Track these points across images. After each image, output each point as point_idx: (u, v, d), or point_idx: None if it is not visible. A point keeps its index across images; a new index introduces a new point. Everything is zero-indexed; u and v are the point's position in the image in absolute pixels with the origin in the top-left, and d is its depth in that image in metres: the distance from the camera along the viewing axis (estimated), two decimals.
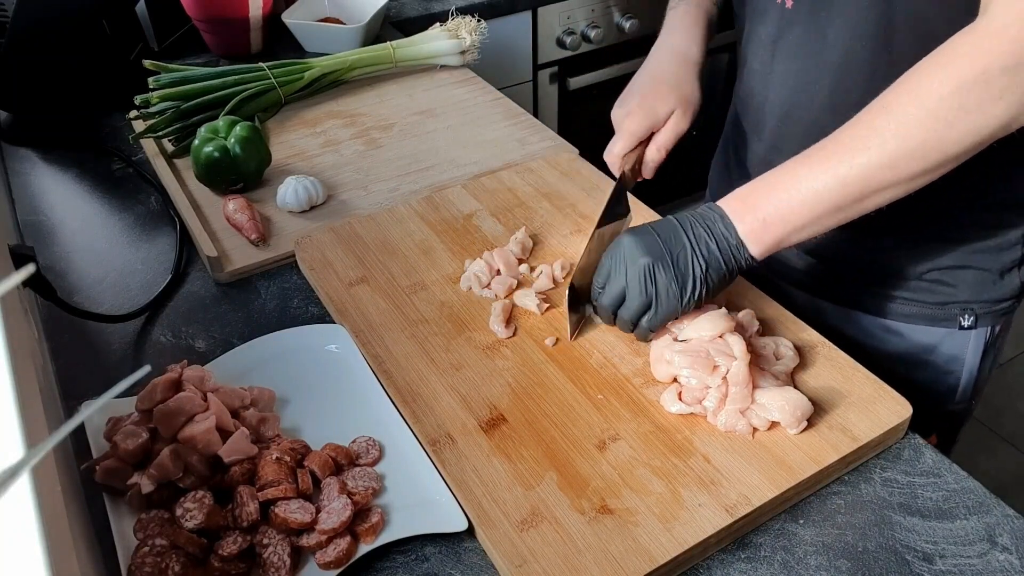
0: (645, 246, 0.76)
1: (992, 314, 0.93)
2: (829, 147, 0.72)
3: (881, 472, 0.74)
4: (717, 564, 0.68)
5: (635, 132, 0.93)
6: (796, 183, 0.72)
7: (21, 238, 1.06)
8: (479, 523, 0.68)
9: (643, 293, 0.76)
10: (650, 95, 0.94)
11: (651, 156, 0.95)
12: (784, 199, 0.73)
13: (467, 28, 1.37)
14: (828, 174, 0.70)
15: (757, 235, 0.74)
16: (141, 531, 0.67)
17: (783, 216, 0.73)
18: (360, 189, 1.11)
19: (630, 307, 0.78)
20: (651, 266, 0.75)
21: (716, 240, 0.75)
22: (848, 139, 0.70)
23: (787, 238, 0.74)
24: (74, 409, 0.81)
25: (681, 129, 0.95)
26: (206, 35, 1.44)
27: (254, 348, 0.85)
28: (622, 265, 0.77)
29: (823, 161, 0.71)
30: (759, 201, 0.74)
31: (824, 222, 0.73)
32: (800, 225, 0.73)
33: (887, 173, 0.69)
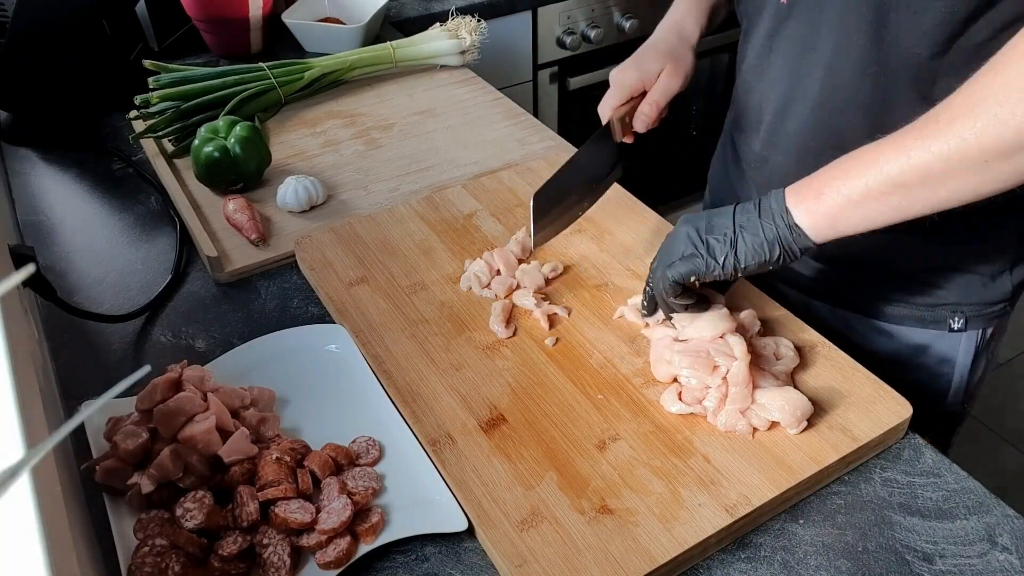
0: (690, 218, 0.78)
1: (983, 317, 0.93)
2: (902, 132, 0.68)
3: (881, 472, 0.74)
4: (717, 564, 0.68)
5: (626, 84, 0.96)
6: (860, 160, 0.69)
7: (21, 238, 1.06)
8: (479, 523, 0.68)
9: (680, 248, 0.77)
10: (642, 56, 0.99)
11: (643, 110, 0.97)
12: (842, 174, 0.69)
13: (467, 28, 1.37)
14: (900, 155, 0.66)
15: (810, 206, 0.71)
16: (141, 531, 0.67)
17: (839, 188, 0.69)
18: (360, 189, 1.11)
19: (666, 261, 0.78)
20: (690, 229, 0.77)
21: (760, 210, 0.74)
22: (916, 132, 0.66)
23: (841, 214, 0.70)
24: (74, 409, 0.81)
25: (672, 86, 0.97)
26: (206, 35, 1.44)
27: (254, 348, 0.85)
28: (670, 236, 0.79)
29: (888, 152, 0.67)
30: (817, 177, 0.72)
31: (884, 202, 0.68)
32: (855, 198, 0.68)
33: (970, 154, 0.64)
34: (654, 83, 0.97)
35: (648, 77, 0.97)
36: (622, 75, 0.97)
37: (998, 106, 0.62)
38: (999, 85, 0.63)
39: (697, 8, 1.02)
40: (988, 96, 0.63)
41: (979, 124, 0.63)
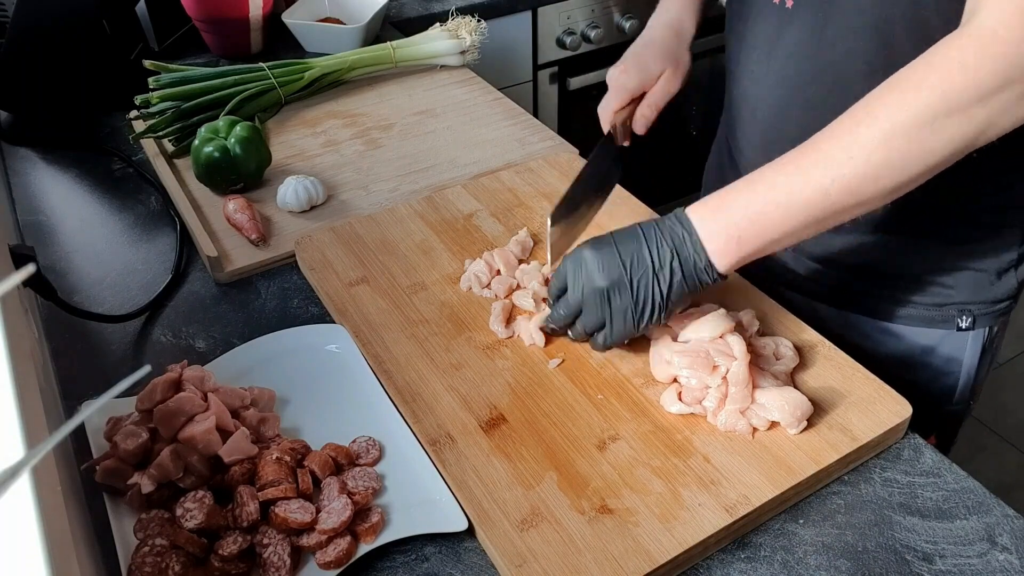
0: (606, 267, 0.74)
1: (990, 315, 0.93)
2: (809, 155, 0.68)
3: (881, 472, 0.74)
4: (717, 564, 0.68)
5: (627, 87, 0.96)
6: (774, 195, 0.69)
7: (21, 238, 1.06)
8: (479, 523, 0.68)
9: (598, 313, 0.76)
10: (643, 56, 0.98)
11: (643, 113, 0.97)
12: (760, 212, 0.69)
13: (467, 28, 1.37)
14: (810, 187, 0.67)
15: (730, 253, 0.72)
16: (141, 531, 0.67)
17: (759, 232, 0.70)
18: (360, 189, 1.11)
19: (585, 323, 0.77)
20: (608, 291, 0.74)
21: (682, 262, 0.73)
22: (828, 148, 0.67)
23: (759, 253, 0.72)
24: (74, 409, 0.81)
25: (672, 88, 0.97)
26: (206, 35, 1.44)
27: (254, 348, 0.85)
28: (580, 282, 0.76)
29: (803, 171, 0.68)
30: (734, 215, 0.71)
31: (800, 235, 0.71)
32: (775, 239, 0.71)
33: (870, 185, 0.66)
34: (654, 85, 0.97)
35: (649, 79, 0.97)
36: (623, 78, 0.97)
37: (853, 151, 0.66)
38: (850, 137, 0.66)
39: (692, 4, 1.02)
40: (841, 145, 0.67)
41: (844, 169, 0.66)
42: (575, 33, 1.85)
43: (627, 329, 0.76)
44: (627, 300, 0.74)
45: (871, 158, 0.65)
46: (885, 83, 0.67)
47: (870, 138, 0.65)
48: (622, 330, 0.76)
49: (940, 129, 0.64)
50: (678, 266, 0.73)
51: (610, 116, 0.97)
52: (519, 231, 0.98)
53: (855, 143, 0.66)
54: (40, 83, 1.26)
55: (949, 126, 0.64)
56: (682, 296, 0.75)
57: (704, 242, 0.72)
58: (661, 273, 0.73)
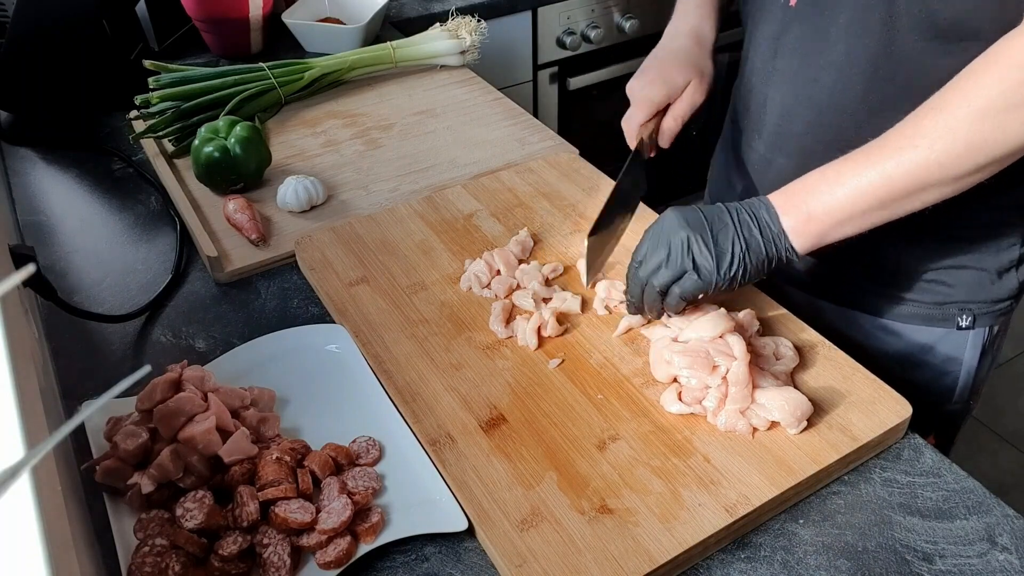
0: (687, 220, 0.77)
1: (990, 314, 0.93)
2: (876, 146, 0.72)
3: (881, 472, 0.74)
4: (717, 564, 0.68)
5: (654, 100, 0.95)
6: (841, 179, 0.73)
7: (21, 238, 1.06)
8: (479, 523, 0.68)
9: (679, 261, 0.77)
10: (668, 66, 0.96)
11: (668, 125, 0.96)
12: (828, 193, 0.73)
13: (467, 28, 1.37)
14: (874, 170, 0.71)
15: (800, 228, 0.75)
16: (141, 531, 0.67)
17: (827, 210, 0.73)
18: (360, 189, 1.11)
19: (663, 274, 0.77)
20: (691, 238, 0.76)
21: (760, 226, 0.76)
22: (896, 139, 0.71)
23: (829, 232, 0.75)
24: (74, 409, 0.82)
25: (697, 100, 0.97)
26: (206, 35, 1.44)
27: (254, 348, 0.85)
28: (663, 237, 0.78)
29: (870, 158, 0.72)
30: (804, 196, 0.75)
31: (869, 218, 0.73)
32: (844, 219, 0.73)
33: (934, 171, 0.69)
34: (679, 96, 0.96)
35: (674, 91, 0.96)
36: (649, 90, 0.95)
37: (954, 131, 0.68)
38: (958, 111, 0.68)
39: (711, 10, 1.01)
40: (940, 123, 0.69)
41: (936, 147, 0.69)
42: (575, 33, 1.85)
43: (706, 278, 0.76)
44: (709, 247, 0.76)
45: (934, 146, 0.69)
46: (951, 82, 0.70)
47: (932, 128, 0.69)
48: (701, 279, 0.76)
49: (1001, 124, 0.67)
50: (756, 231, 0.76)
51: (636, 130, 0.95)
52: (519, 231, 0.98)
53: (918, 132, 0.70)
54: (40, 83, 1.26)
55: (1009, 121, 0.67)
56: (760, 260, 0.76)
57: (780, 216, 0.76)
58: (740, 231, 0.76)
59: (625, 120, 0.96)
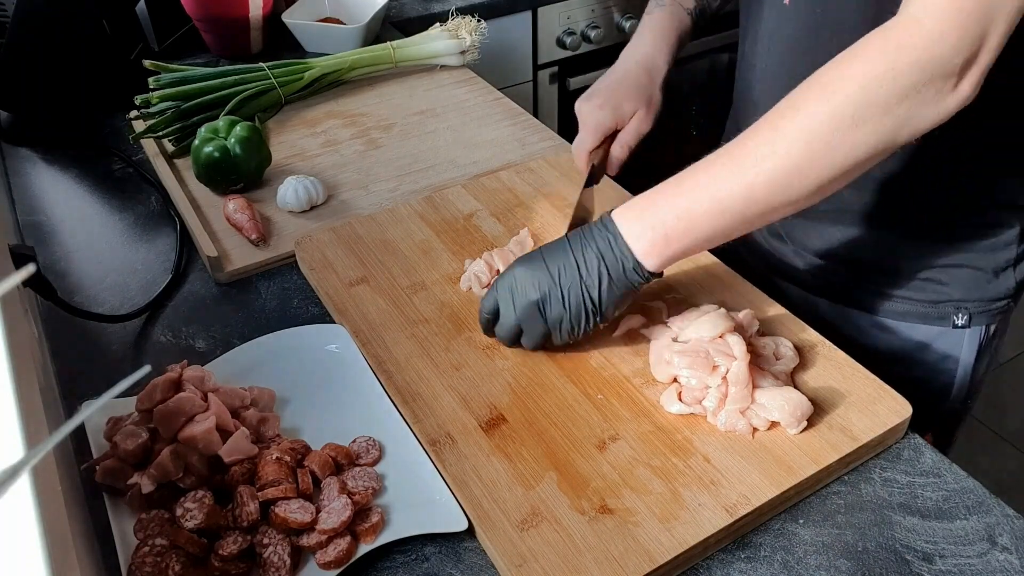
0: (535, 280, 0.75)
1: (986, 313, 0.93)
2: (734, 151, 0.68)
3: (881, 472, 0.74)
4: (717, 564, 0.68)
5: (602, 125, 0.96)
6: (699, 192, 0.69)
7: (21, 238, 1.06)
8: (479, 523, 0.68)
9: (537, 327, 0.77)
10: (616, 93, 0.97)
11: (616, 153, 0.97)
12: (686, 210, 0.69)
13: (467, 28, 1.37)
14: (734, 182, 0.67)
15: (658, 251, 0.71)
16: (141, 531, 0.67)
17: (686, 228, 0.70)
18: (360, 189, 1.11)
19: (530, 338, 0.78)
20: (540, 303, 0.75)
21: (608, 267, 0.73)
22: (753, 143, 0.67)
23: (689, 250, 0.72)
24: (74, 409, 0.81)
25: (643, 129, 0.98)
26: (206, 35, 1.44)
27: (254, 348, 0.85)
28: (511, 298, 0.77)
29: (728, 167, 0.68)
30: (659, 213, 0.71)
31: (729, 234, 0.70)
32: (704, 238, 0.71)
33: (793, 180, 0.66)
34: (626, 124, 0.97)
35: (622, 119, 0.97)
36: (599, 114, 0.96)
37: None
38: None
39: (667, 43, 1.01)
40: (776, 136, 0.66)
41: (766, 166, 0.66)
42: (575, 33, 1.85)
43: (569, 337, 0.78)
44: (559, 309, 0.75)
45: (791, 151, 0.65)
46: (812, 76, 0.66)
47: (792, 131, 0.65)
48: (565, 338, 0.78)
49: (860, 122, 0.63)
50: (605, 270, 0.73)
51: (586, 155, 0.96)
52: (519, 231, 0.98)
53: (777, 137, 0.66)
54: (40, 83, 1.26)
55: (869, 118, 0.63)
56: (617, 298, 0.75)
57: (630, 244, 0.72)
58: (589, 279, 0.74)
59: (575, 145, 0.97)
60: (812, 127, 0.64)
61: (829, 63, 0.66)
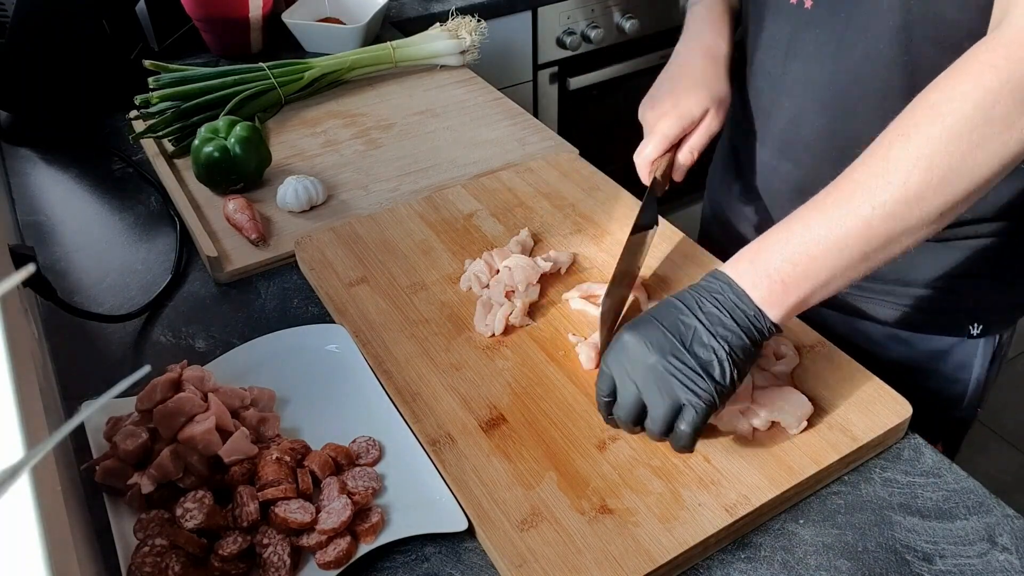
0: (650, 342, 0.66)
1: (1000, 322, 0.92)
2: (844, 187, 0.64)
3: (881, 472, 0.74)
4: (717, 564, 0.68)
5: (669, 135, 0.87)
6: (813, 232, 0.64)
7: (21, 238, 1.06)
8: (479, 523, 0.68)
9: (665, 396, 0.65)
10: (683, 96, 0.88)
11: (683, 159, 0.89)
12: (801, 253, 0.64)
13: (467, 28, 1.37)
14: (849, 218, 0.62)
15: (778, 299, 0.65)
16: (141, 531, 0.67)
17: (804, 273, 0.64)
18: (360, 189, 1.11)
19: (656, 417, 0.66)
20: (664, 364, 0.65)
21: (730, 313, 0.65)
22: (864, 176, 0.63)
23: (811, 297, 0.66)
24: (74, 409, 0.81)
25: (714, 130, 0.89)
26: (206, 35, 1.44)
27: (254, 348, 0.85)
28: (628, 369, 0.67)
29: (840, 204, 0.63)
30: (772, 260, 0.65)
31: (850, 274, 0.65)
32: (824, 281, 0.64)
33: (914, 209, 0.62)
34: (696, 128, 0.88)
35: (690, 124, 0.87)
36: (664, 125, 0.87)
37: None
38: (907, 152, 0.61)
39: (726, 27, 0.94)
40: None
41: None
42: (575, 33, 1.85)
43: (707, 400, 0.65)
44: (690, 366, 0.65)
45: (909, 180, 0.61)
46: (916, 99, 0.63)
47: (906, 158, 0.61)
48: (703, 404, 0.65)
49: (979, 141, 0.60)
50: (730, 320, 0.65)
51: (650, 166, 0.88)
52: (519, 231, 0.98)
53: (891, 166, 0.62)
54: (40, 83, 1.26)
55: (990, 135, 0.60)
56: (747, 352, 0.66)
57: (748, 292, 0.66)
58: (714, 329, 0.65)
59: (638, 154, 0.88)
60: (929, 153, 0.61)
61: (933, 84, 0.62)
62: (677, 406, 0.66)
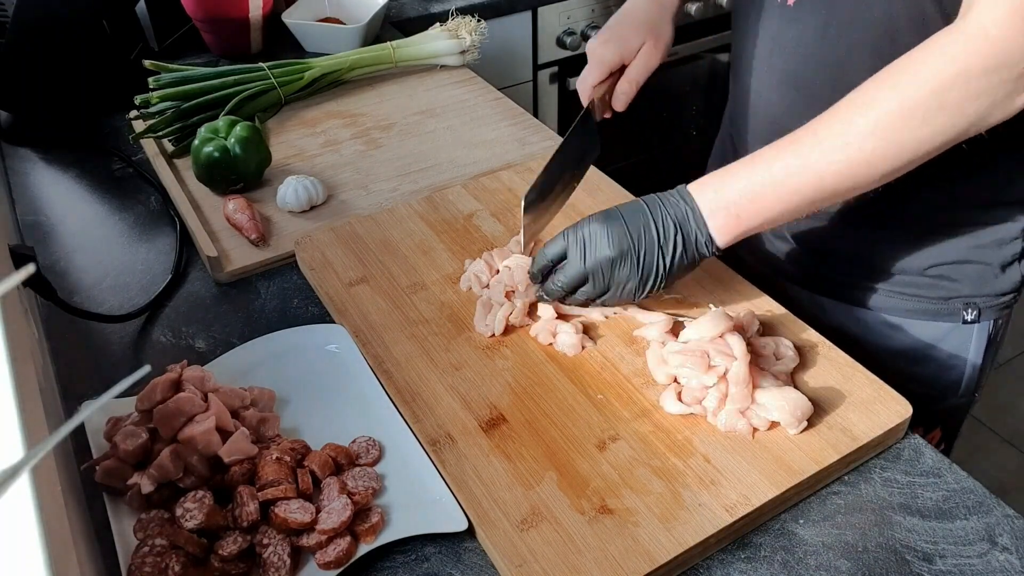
0: (615, 239, 0.77)
1: (994, 308, 0.93)
2: (806, 140, 0.72)
3: (881, 472, 0.74)
4: (717, 564, 0.68)
5: (606, 60, 0.95)
6: (772, 175, 0.72)
7: (21, 238, 1.06)
8: (479, 523, 0.68)
9: (603, 282, 0.78)
10: (624, 27, 0.97)
11: (622, 88, 0.97)
12: (759, 192, 0.73)
13: (467, 28, 1.37)
14: (807, 171, 0.71)
15: (730, 228, 0.75)
16: (141, 531, 0.67)
17: (757, 210, 0.74)
18: (360, 189, 1.11)
19: (588, 292, 0.80)
20: (615, 260, 0.77)
21: (684, 236, 0.76)
22: (825, 134, 0.71)
23: (756, 230, 0.76)
24: (74, 409, 0.81)
25: (652, 63, 0.97)
26: (206, 35, 1.44)
27: (254, 348, 0.85)
28: (583, 251, 0.78)
29: (800, 155, 0.71)
30: (733, 193, 0.74)
31: (796, 213, 0.74)
32: (772, 218, 0.74)
33: (863, 170, 0.70)
34: (633, 59, 0.96)
35: (628, 52, 0.96)
36: (602, 50, 0.96)
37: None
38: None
39: None
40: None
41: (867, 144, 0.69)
42: (575, 33, 1.85)
43: (627, 297, 0.79)
44: (632, 271, 0.77)
45: (863, 146, 0.69)
46: (881, 72, 0.70)
47: (864, 126, 0.69)
48: (621, 298, 0.80)
49: (930, 120, 0.67)
50: (680, 240, 0.76)
51: (589, 90, 0.96)
52: (519, 231, 0.98)
53: (850, 131, 0.69)
54: (40, 83, 1.26)
55: (940, 117, 0.67)
56: (681, 269, 0.78)
57: (706, 218, 0.75)
58: (666, 246, 0.76)
59: (579, 80, 0.97)
60: (884, 123, 0.68)
61: (900, 59, 0.68)
62: (605, 291, 0.79)
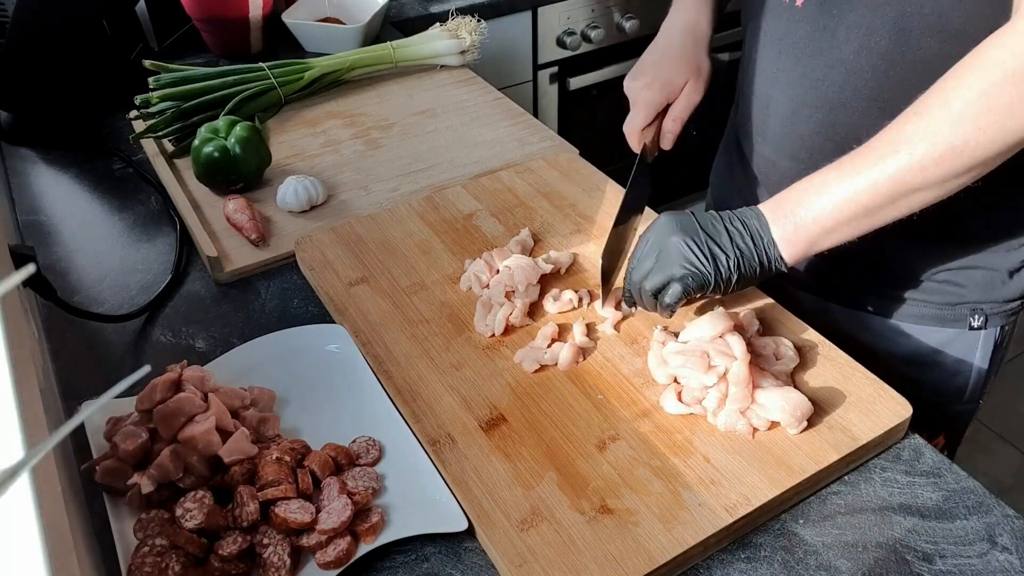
0: (680, 224, 0.77)
1: (1001, 314, 0.93)
2: (861, 153, 0.72)
3: (881, 472, 0.74)
4: (717, 564, 0.68)
5: (652, 103, 0.95)
6: (826, 187, 0.73)
7: (21, 238, 1.06)
8: (479, 523, 0.68)
9: (671, 265, 0.77)
10: (664, 67, 0.96)
11: (668, 127, 0.96)
12: (815, 203, 0.73)
13: (467, 28, 1.37)
14: (859, 178, 0.71)
15: (789, 239, 0.75)
16: (141, 531, 0.67)
17: (815, 219, 0.74)
18: (360, 189, 1.11)
19: (654, 278, 0.78)
20: (684, 242, 0.76)
21: (751, 234, 0.76)
22: (879, 145, 0.71)
23: (818, 241, 0.75)
24: (74, 409, 0.81)
25: (695, 99, 0.97)
26: (206, 35, 1.44)
27: (254, 348, 0.85)
28: (655, 241, 0.78)
29: (854, 167, 0.72)
30: (792, 205, 0.75)
31: (856, 225, 0.74)
32: (831, 227, 0.74)
33: (916, 176, 0.69)
34: (677, 97, 0.96)
35: (672, 92, 0.96)
36: (648, 93, 0.95)
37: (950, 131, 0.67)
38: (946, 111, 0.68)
39: (707, 6, 1.00)
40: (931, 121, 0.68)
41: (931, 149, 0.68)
42: (575, 33, 1.85)
43: (697, 281, 0.77)
44: (703, 251, 0.76)
45: (915, 151, 0.69)
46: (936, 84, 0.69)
47: (915, 133, 0.69)
48: (691, 285, 0.77)
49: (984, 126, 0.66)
50: (749, 239, 0.76)
51: (638, 134, 0.95)
52: (519, 231, 0.98)
53: (901, 138, 0.70)
54: (40, 83, 1.26)
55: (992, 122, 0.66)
56: (752, 269, 0.77)
57: (770, 226, 0.76)
58: (734, 238, 0.76)
59: (627, 125, 0.96)
60: (935, 131, 0.68)
61: (951, 71, 0.68)
62: (674, 276, 0.77)
